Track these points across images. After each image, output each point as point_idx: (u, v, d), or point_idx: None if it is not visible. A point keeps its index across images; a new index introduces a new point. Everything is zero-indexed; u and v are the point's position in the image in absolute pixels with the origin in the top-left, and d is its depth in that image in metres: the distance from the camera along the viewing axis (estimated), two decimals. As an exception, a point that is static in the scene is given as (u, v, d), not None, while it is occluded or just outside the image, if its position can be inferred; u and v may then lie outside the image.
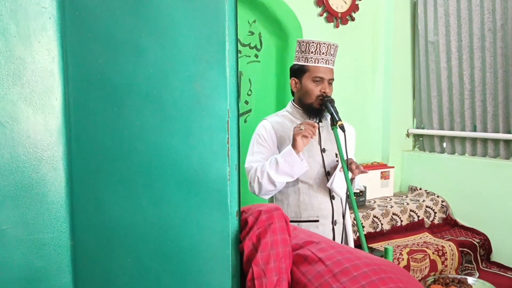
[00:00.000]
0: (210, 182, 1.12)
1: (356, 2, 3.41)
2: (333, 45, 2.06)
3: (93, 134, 1.09)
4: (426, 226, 3.30)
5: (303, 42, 2.11)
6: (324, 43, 2.05)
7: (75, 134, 1.09)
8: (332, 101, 2.01)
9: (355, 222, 2.18)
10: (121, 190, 1.10)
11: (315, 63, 2.05)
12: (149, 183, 1.10)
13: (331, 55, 2.06)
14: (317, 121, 2.09)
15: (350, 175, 2.00)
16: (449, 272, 2.86)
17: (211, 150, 1.11)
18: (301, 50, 2.10)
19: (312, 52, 2.06)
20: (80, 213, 1.11)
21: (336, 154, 2.10)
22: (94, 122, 1.09)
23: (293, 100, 2.17)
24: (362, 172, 1.99)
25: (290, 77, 2.16)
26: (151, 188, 1.10)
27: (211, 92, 1.10)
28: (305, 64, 2.08)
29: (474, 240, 3.08)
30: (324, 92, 2.04)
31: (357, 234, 2.53)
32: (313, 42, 2.06)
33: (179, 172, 1.10)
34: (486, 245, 3.12)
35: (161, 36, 1.08)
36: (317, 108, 2.06)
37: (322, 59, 2.05)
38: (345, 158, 1.90)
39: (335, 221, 2.10)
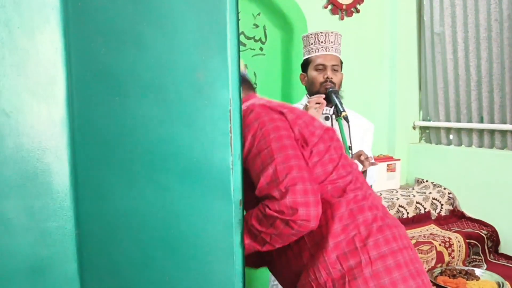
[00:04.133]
0: (213, 171, 1.13)
1: (361, -6, 3.39)
2: (332, 32, 2.08)
3: (96, 124, 1.10)
4: (433, 218, 3.29)
5: (305, 36, 2.16)
6: (321, 33, 2.08)
7: (78, 124, 1.10)
8: (336, 92, 2.02)
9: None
10: (124, 180, 1.11)
11: (315, 52, 2.08)
12: (152, 172, 1.11)
13: (331, 42, 2.08)
14: (329, 112, 2.11)
15: (360, 167, 2.02)
16: (456, 264, 2.85)
17: (213, 140, 1.12)
18: (304, 45, 2.16)
19: (312, 44, 2.09)
20: (85, 202, 1.12)
21: (349, 147, 2.11)
22: (97, 112, 1.10)
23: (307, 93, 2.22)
24: (372, 164, 2.00)
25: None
26: (154, 178, 1.11)
27: (213, 81, 1.11)
28: (308, 56, 2.13)
29: (482, 232, 3.07)
30: (327, 78, 2.05)
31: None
32: (311, 34, 2.10)
33: (182, 162, 1.11)
34: (493, 236, 3.11)
35: (162, 25, 1.09)
36: (323, 93, 2.07)
37: (322, 47, 2.07)
38: (349, 149, 1.91)
39: None
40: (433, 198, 3.35)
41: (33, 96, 1.07)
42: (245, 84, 1.51)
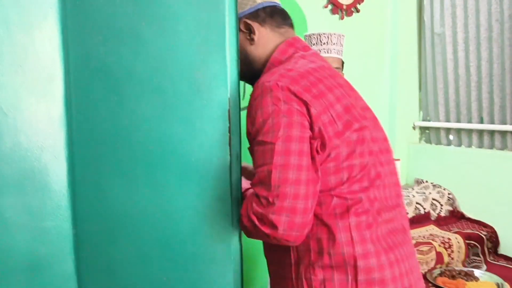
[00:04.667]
0: (212, 171, 1.12)
1: (362, -6, 3.39)
2: (334, 34, 2.07)
3: (94, 123, 1.10)
4: (433, 218, 3.28)
5: (307, 36, 2.14)
6: (324, 34, 2.06)
7: (76, 123, 1.10)
8: None
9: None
10: (122, 179, 1.11)
11: None
12: (150, 171, 1.11)
13: (334, 44, 2.06)
14: None
15: None
16: (456, 265, 2.84)
17: (212, 139, 1.12)
18: None
19: (314, 44, 2.08)
20: (82, 201, 1.12)
21: None
22: (95, 111, 1.10)
23: None
24: None
25: None
26: (152, 177, 1.11)
27: (212, 81, 1.11)
28: None
29: (481, 233, 3.07)
30: None
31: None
32: (313, 35, 2.08)
33: (180, 161, 1.11)
34: (493, 237, 3.10)
35: (161, 24, 1.08)
36: None
37: (324, 49, 2.06)
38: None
39: None
40: (433, 199, 3.34)
41: (31, 94, 1.06)
42: (280, 16, 1.30)
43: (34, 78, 1.06)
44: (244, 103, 2.89)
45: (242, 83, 2.67)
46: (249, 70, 1.26)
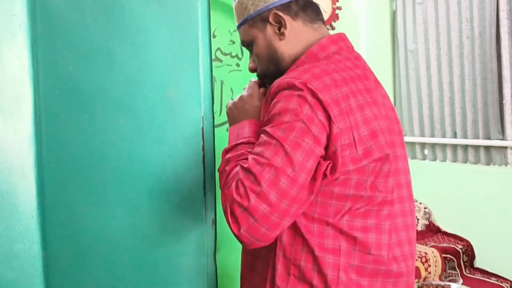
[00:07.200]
0: (185, 190, 1.11)
1: (336, 12, 3.44)
2: None
3: (65, 142, 1.08)
4: (409, 233, 3.30)
5: None
6: None
7: (46, 142, 1.07)
8: None
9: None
10: (93, 199, 1.08)
11: None
12: (122, 191, 1.09)
13: None
14: None
15: None
16: (433, 279, 2.86)
17: (185, 158, 1.11)
18: None
19: None
20: (52, 223, 1.08)
21: None
22: (65, 130, 1.07)
23: None
24: None
25: None
26: (124, 197, 1.09)
27: (185, 99, 1.10)
28: None
29: (457, 246, 3.10)
30: None
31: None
32: None
33: (153, 180, 1.09)
34: (469, 251, 3.13)
35: (134, 43, 1.07)
36: None
37: None
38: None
39: None
40: (409, 213, 3.36)
41: (-2, 114, 1.04)
42: (314, 10, 1.17)
43: (2, 97, 1.04)
44: (221, 119, 2.86)
45: (218, 100, 2.66)
46: (276, 69, 1.13)
